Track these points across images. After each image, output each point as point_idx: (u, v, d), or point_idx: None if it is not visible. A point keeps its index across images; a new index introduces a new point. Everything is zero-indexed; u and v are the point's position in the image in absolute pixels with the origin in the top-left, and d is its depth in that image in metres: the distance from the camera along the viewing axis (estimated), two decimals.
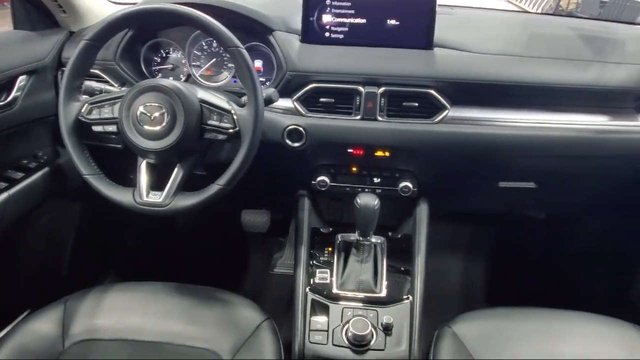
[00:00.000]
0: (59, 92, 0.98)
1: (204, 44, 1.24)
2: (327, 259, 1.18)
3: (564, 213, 1.65)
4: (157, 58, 1.26)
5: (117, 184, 0.99)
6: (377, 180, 1.19)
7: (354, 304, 1.07)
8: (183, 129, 0.92)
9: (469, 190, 1.32)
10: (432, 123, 1.11)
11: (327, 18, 1.14)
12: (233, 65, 1.22)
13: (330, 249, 1.19)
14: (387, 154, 1.15)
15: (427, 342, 1.03)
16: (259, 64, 1.23)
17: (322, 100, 1.12)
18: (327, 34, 1.15)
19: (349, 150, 1.15)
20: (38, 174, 1.21)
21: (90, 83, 1.09)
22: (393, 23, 1.13)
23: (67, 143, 0.97)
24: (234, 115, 0.95)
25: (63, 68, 1.21)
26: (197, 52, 1.25)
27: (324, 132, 1.13)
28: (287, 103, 1.13)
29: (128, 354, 0.95)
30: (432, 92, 1.09)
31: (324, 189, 1.20)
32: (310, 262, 1.17)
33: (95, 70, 1.16)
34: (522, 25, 1.29)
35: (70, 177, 1.31)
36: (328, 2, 1.12)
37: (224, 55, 1.23)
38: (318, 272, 1.14)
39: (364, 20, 1.13)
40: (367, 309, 1.05)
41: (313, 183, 1.20)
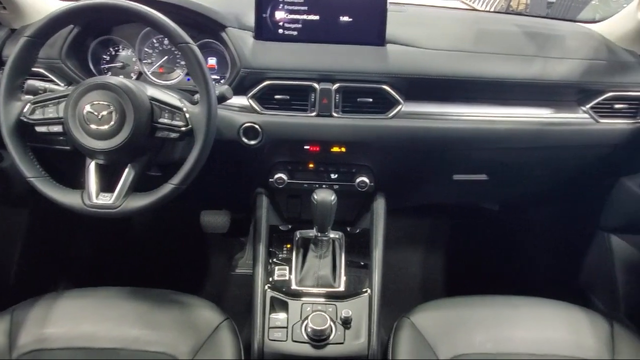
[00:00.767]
0: None
1: (155, 42, 1.21)
2: (286, 256, 1.18)
3: (516, 204, 1.72)
4: (106, 56, 1.22)
5: (64, 187, 0.96)
6: (334, 176, 1.20)
7: (313, 300, 1.08)
8: (133, 128, 0.89)
9: (425, 184, 1.35)
10: (386, 118, 1.12)
11: (280, 15, 1.14)
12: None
13: (289, 246, 1.20)
14: (343, 150, 1.16)
15: (387, 333, 1.05)
16: (213, 62, 1.21)
17: (277, 97, 1.11)
18: (280, 31, 1.15)
19: (306, 147, 1.16)
20: None
21: (33, 82, 1.03)
22: (346, 20, 1.14)
23: (8, 145, 0.92)
24: (186, 113, 0.93)
25: (4, 67, 1.15)
26: (148, 49, 1.21)
27: (280, 129, 1.13)
28: (242, 100, 1.12)
29: None
30: (385, 87, 1.11)
31: (282, 186, 1.19)
32: (269, 259, 1.17)
33: (40, 69, 1.11)
34: (471, 22, 1.32)
35: (16, 181, 1.26)
36: None
37: (177, 53, 1.21)
38: (277, 269, 1.14)
39: (317, 17, 1.14)
40: (326, 304, 1.06)
41: (271, 181, 1.20)
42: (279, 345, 1.01)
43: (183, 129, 0.93)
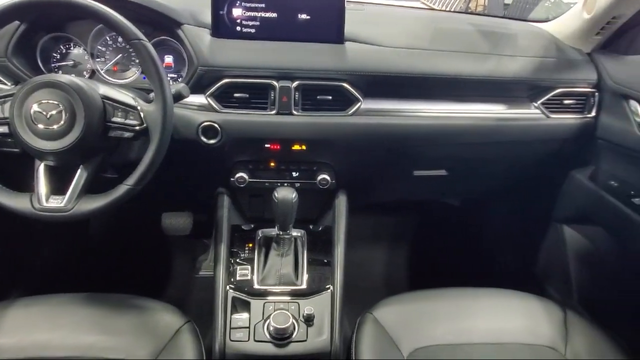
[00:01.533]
0: None
1: (109, 39, 1.18)
2: (248, 256, 1.16)
3: (476, 198, 1.76)
4: (56, 54, 1.18)
5: (12, 190, 0.91)
6: (295, 174, 1.20)
7: (276, 298, 1.07)
8: (84, 128, 0.86)
9: (386, 180, 1.36)
10: (346, 115, 1.13)
11: (237, 12, 1.12)
12: None
13: (251, 245, 1.18)
14: (304, 148, 1.16)
15: (351, 330, 1.06)
16: (169, 60, 1.19)
17: (236, 96, 1.10)
18: (238, 28, 1.14)
19: (266, 146, 1.15)
20: None
21: None
22: (304, 18, 1.13)
23: None
24: (141, 112, 0.91)
25: None
26: (101, 47, 1.18)
27: (240, 127, 1.11)
28: (200, 99, 1.11)
29: None
30: (344, 85, 1.11)
31: (243, 186, 1.18)
32: (231, 259, 1.16)
33: None
34: (428, 21, 1.35)
35: None
36: None
37: (131, 51, 1.17)
38: (239, 269, 1.13)
39: (275, 15, 1.13)
40: (288, 302, 1.06)
41: (232, 180, 1.18)
42: (241, 346, 1.00)
43: (137, 128, 0.90)
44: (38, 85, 0.86)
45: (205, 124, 1.09)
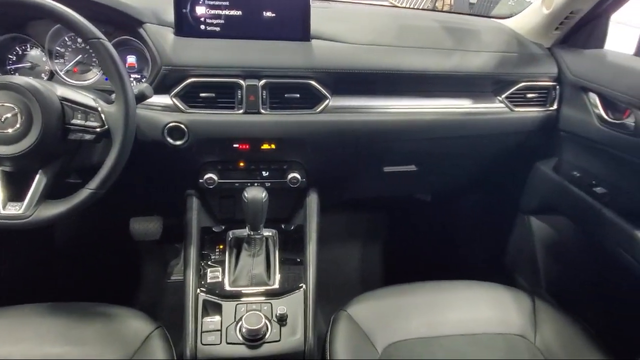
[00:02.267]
0: None
1: (68, 39, 1.14)
2: (219, 258, 1.15)
3: (446, 193, 1.79)
4: (12, 56, 1.13)
5: None
6: (265, 174, 1.19)
7: (248, 299, 1.06)
8: (41, 131, 0.83)
9: (356, 177, 1.36)
10: (314, 113, 1.13)
11: (200, 10, 1.10)
12: None
13: (222, 247, 1.17)
14: (273, 147, 1.14)
15: (326, 328, 1.05)
16: (132, 60, 1.16)
17: (202, 95, 1.08)
18: (202, 27, 1.12)
19: (235, 145, 1.14)
20: None
21: None
22: (269, 15, 1.12)
23: None
24: (102, 113, 0.88)
25: None
26: (60, 48, 1.14)
27: (207, 128, 1.09)
28: (165, 99, 1.08)
29: None
30: (312, 82, 1.11)
31: (213, 187, 1.16)
32: (202, 262, 1.14)
33: None
34: (393, 18, 1.36)
35: None
36: None
37: (92, 51, 1.14)
38: (210, 271, 1.11)
39: (240, 13, 1.12)
40: (261, 303, 1.05)
41: (200, 181, 1.16)
42: (213, 349, 0.98)
43: (99, 130, 0.88)
44: None
45: (171, 125, 1.07)
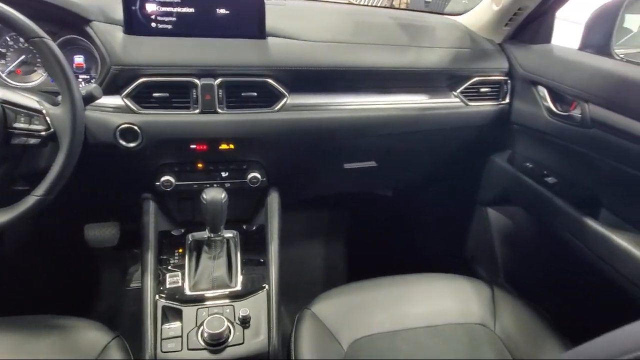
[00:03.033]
0: None
1: (9, 39, 1.08)
2: (178, 262, 1.11)
3: (407, 187, 1.81)
4: None
5: None
6: (224, 174, 1.17)
7: (209, 303, 1.03)
8: None
9: (317, 175, 1.36)
10: (272, 112, 1.11)
11: (151, 7, 1.07)
12: None
13: (182, 250, 1.14)
14: (231, 147, 1.13)
15: (291, 328, 1.04)
16: (80, 60, 1.10)
17: (155, 95, 1.05)
18: (153, 25, 1.08)
19: (192, 146, 1.11)
20: None
21: None
22: (223, 13, 1.10)
23: None
24: (47, 116, 0.84)
25: None
26: (1, 48, 1.08)
27: (162, 129, 1.06)
28: (116, 100, 1.04)
29: None
30: (269, 81, 1.10)
31: (170, 189, 1.13)
32: (160, 267, 1.10)
33: None
34: (349, 15, 1.37)
35: None
36: None
37: (35, 51, 1.08)
38: (169, 276, 1.08)
39: (192, 10, 1.09)
40: (223, 306, 1.03)
41: (157, 184, 1.13)
42: (173, 356, 0.95)
43: (44, 134, 0.84)
44: None
45: (124, 127, 1.03)
